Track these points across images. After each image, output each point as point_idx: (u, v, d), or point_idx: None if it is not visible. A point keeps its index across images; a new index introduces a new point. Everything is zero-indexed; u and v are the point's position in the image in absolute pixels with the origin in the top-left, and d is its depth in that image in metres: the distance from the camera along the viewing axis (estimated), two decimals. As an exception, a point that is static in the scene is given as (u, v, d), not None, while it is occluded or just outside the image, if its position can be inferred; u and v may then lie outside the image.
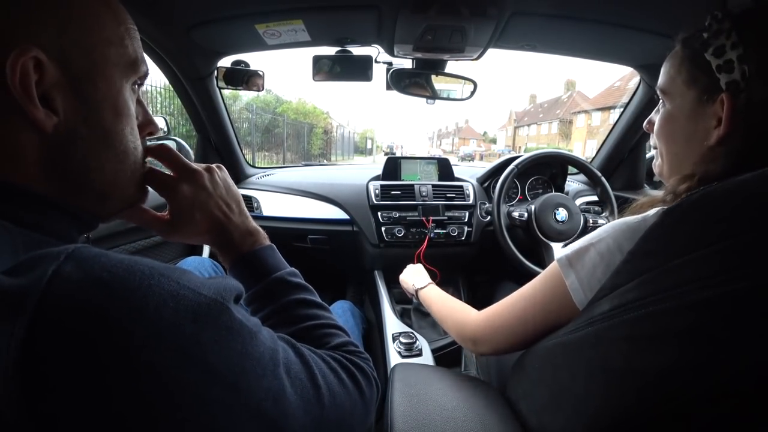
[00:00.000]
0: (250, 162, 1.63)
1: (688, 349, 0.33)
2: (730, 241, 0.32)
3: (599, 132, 29.17)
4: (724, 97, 0.40)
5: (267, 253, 0.45)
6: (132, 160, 0.35)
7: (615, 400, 0.37)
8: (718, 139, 0.42)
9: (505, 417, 0.53)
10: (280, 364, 0.30)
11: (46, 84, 0.28)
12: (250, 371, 0.27)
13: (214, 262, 0.97)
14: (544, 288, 0.51)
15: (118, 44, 0.33)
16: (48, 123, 0.28)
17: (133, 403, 0.22)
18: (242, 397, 0.26)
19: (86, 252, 0.23)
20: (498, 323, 0.57)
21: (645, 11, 0.87)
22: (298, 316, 0.42)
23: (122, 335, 0.22)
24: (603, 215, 1.21)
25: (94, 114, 0.31)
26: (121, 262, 0.24)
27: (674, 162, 0.49)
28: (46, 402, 0.20)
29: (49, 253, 0.23)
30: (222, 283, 0.28)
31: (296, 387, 0.31)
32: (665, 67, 0.49)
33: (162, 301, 0.23)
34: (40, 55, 0.27)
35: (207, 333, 0.25)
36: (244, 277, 0.43)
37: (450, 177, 1.47)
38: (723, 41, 0.41)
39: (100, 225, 0.37)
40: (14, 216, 0.27)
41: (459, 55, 1.06)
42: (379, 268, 1.36)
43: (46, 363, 0.20)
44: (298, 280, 0.45)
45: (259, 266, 0.43)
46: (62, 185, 0.31)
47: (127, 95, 0.34)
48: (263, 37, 1.01)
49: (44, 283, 0.21)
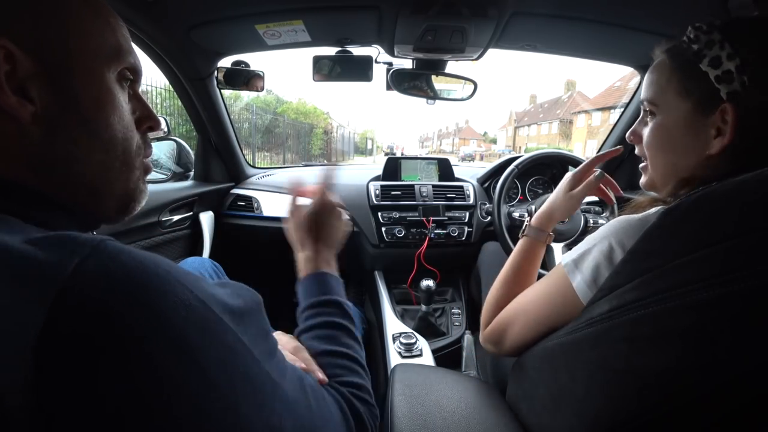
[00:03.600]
0: (251, 162, 1.63)
1: (689, 350, 0.33)
2: (732, 242, 0.32)
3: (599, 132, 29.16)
4: (727, 107, 0.41)
5: (338, 280, 0.54)
6: (122, 151, 0.35)
7: (615, 401, 0.37)
8: (722, 148, 0.42)
9: (505, 418, 0.53)
10: (278, 398, 0.30)
11: (20, 74, 0.29)
12: (250, 396, 0.27)
13: (214, 262, 0.97)
14: (551, 291, 0.50)
15: (97, 35, 0.33)
16: (23, 112, 0.29)
17: (133, 405, 0.22)
18: (240, 422, 0.26)
19: (110, 247, 0.24)
20: (504, 328, 0.56)
21: (645, 11, 0.87)
22: (336, 337, 0.46)
23: (133, 335, 0.22)
24: (603, 215, 1.21)
25: (74, 103, 0.31)
26: (142, 262, 0.24)
27: (671, 171, 0.49)
28: (54, 389, 0.20)
29: (78, 238, 0.23)
30: (234, 301, 0.29)
31: (296, 427, 0.30)
32: (651, 78, 0.49)
33: (174, 308, 0.24)
34: (10, 46, 0.28)
35: (213, 349, 0.25)
36: (318, 284, 0.51)
37: (450, 177, 1.47)
38: (717, 52, 0.41)
39: (102, 226, 0.38)
40: (16, 212, 0.28)
41: (459, 56, 1.06)
42: (380, 268, 1.36)
43: (58, 352, 0.20)
44: (350, 312, 0.50)
45: (331, 285, 0.52)
46: (52, 180, 0.31)
47: (110, 84, 0.34)
48: (263, 38, 1.01)
49: (70, 270, 0.22)
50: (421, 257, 1.28)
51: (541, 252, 0.66)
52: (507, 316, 0.56)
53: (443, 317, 1.32)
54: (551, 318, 0.49)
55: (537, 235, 0.66)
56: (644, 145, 0.51)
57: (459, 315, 1.30)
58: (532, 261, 0.65)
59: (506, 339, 0.56)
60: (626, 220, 0.44)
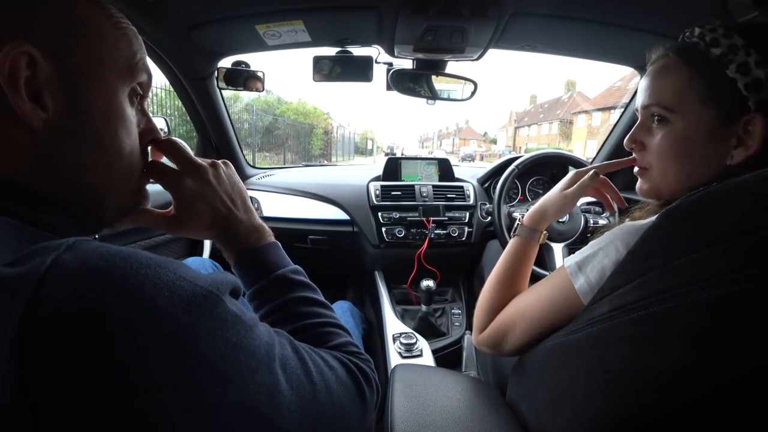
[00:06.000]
0: (251, 162, 1.63)
1: (689, 350, 0.33)
2: (732, 242, 0.32)
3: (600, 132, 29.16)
4: (756, 117, 0.39)
5: (271, 249, 0.45)
6: (126, 163, 0.35)
7: (615, 402, 0.37)
8: (746, 159, 0.41)
9: (505, 418, 0.53)
10: (275, 358, 0.30)
11: (38, 80, 0.29)
12: (243, 364, 0.27)
13: (214, 262, 0.97)
14: (553, 294, 0.50)
15: (114, 47, 0.34)
16: (35, 118, 0.29)
17: (124, 390, 0.22)
18: (235, 390, 0.26)
19: (86, 243, 0.24)
20: (504, 331, 0.56)
21: (645, 11, 0.87)
22: (299, 313, 0.41)
23: (116, 322, 0.22)
24: (603, 215, 1.21)
25: (85, 113, 0.32)
26: (119, 252, 0.24)
27: (684, 181, 0.46)
28: (40, 387, 0.20)
29: (51, 244, 0.23)
30: (218, 276, 0.29)
31: (292, 383, 0.31)
32: (665, 81, 0.46)
33: (157, 290, 0.23)
34: (34, 51, 0.28)
35: (201, 324, 0.25)
36: (247, 273, 0.43)
37: (450, 177, 1.47)
38: (744, 58, 0.40)
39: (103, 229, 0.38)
40: (23, 214, 0.28)
41: (459, 56, 1.06)
42: (380, 268, 1.36)
43: (39, 349, 0.20)
44: (301, 278, 0.45)
45: (263, 262, 0.43)
46: (57, 184, 0.31)
47: (121, 98, 0.34)
48: (263, 38, 1.01)
49: (42, 271, 0.21)
50: (422, 257, 1.28)
51: (534, 252, 0.63)
52: (506, 320, 0.56)
53: (443, 317, 1.32)
54: (553, 322, 0.49)
55: (529, 234, 0.63)
56: (654, 153, 0.49)
57: (459, 315, 1.31)
58: (524, 262, 0.62)
59: (506, 342, 0.55)
60: (633, 225, 0.43)
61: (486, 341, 0.58)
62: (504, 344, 0.55)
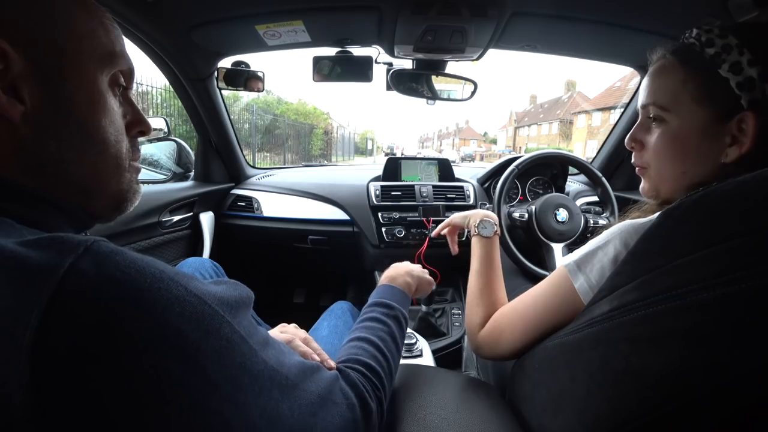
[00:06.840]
0: (251, 163, 1.63)
1: (690, 351, 0.33)
2: (733, 242, 0.32)
3: (600, 132, 29.14)
4: (749, 115, 0.40)
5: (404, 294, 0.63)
6: (113, 153, 0.35)
7: (615, 402, 0.37)
8: (740, 157, 0.41)
9: (505, 419, 0.53)
10: (276, 385, 0.30)
11: (12, 73, 0.29)
12: (247, 386, 0.27)
13: (214, 262, 0.97)
14: (552, 294, 0.50)
15: (90, 37, 0.33)
16: (13, 111, 0.29)
17: (130, 402, 0.22)
18: (239, 411, 0.26)
19: (104, 247, 0.24)
20: (500, 331, 0.56)
21: (645, 11, 0.87)
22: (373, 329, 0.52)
23: (128, 336, 0.22)
24: (603, 216, 1.21)
25: (66, 104, 0.32)
26: (134, 262, 0.24)
27: (680, 180, 0.47)
28: (50, 391, 0.20)
29: (69, 240, 0.23)
30: (229, 293, 0.29)
31: (293, 411, 0.31)
32: (661, 81, 0.47)
33: (168, 305, 0.24)
34: (4, 44, 0.28)
35: (209, 341, 0.25)
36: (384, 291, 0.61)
37: (450, 177, 1.47)
38: (737, 57, 0.40)
39: (98, 225, 0.38)
40: (8, 210, 0.28)
41: (459, 56, 1.06)
42: (380, 268, 1.36)
43: (54, 355, 0.20)
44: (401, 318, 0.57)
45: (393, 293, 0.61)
46: (43, 179, 0.31)
47: (102, 88, 0.34)
48: (263, 38, 1.01)
49: (60, 274, 0.21)
50: (422, 257, 1.28)
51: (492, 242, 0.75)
52: (503, 320, 0.56)
53: (443, 318, 1.32)
54: (552, 322, 0.49)
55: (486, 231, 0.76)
56: (651, 152, 0.49)
57: (459, 315, 1.31)
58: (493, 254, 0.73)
59: (502, 343, 0.55)
60: (631, 224, 0.44)
61: (483, 341, 0.58)
62: (500, 345, 0.55)
